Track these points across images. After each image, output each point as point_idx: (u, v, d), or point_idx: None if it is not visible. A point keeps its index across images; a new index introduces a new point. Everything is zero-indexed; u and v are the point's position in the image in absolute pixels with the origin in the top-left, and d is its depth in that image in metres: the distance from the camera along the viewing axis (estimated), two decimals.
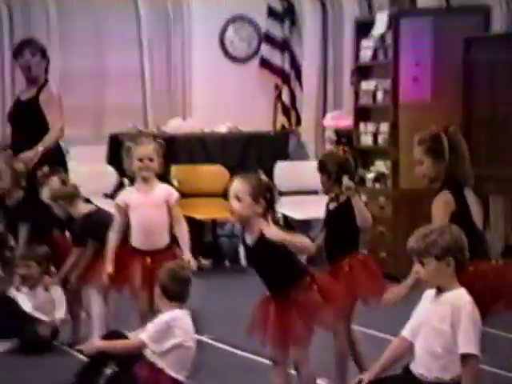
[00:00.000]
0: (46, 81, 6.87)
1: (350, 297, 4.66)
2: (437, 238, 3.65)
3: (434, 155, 4.32)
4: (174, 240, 5.28)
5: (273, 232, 4.16)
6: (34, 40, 7.36)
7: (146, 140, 5.35)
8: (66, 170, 6.39)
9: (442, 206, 4.22)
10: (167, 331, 4.35)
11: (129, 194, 5.34)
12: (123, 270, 5.24)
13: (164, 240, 5.26)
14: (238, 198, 4.21)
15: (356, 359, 4.74)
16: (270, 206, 4.23)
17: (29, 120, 6.70)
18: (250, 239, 4.26)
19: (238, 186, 4.24)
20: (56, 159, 6.58)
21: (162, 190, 5.30)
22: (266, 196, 4.22)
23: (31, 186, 6.12)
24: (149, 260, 5.19)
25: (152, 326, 4.36)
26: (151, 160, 5.21)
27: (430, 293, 3.71)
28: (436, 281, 3.67)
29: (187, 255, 5.13)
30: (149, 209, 5.23)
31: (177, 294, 4.40)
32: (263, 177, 4.35)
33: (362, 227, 4.68)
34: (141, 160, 5.21)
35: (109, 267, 5.22)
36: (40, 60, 6.86)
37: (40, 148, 6.55)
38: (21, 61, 6.89)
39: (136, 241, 5.26)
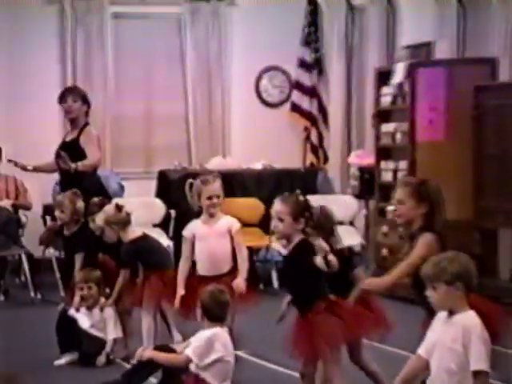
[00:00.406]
0: (87, 124, 6.93)
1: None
2: (447, 265, 3.60)
3: (417, 199, 4.16)
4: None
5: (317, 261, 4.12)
6: (77, 87, 7.43)
7: (211, 178, 5.27)
8: (109, 199, 6.39)
9: (426, 246, 4.07)
10: (209, 346, 4.32)
11: (195, 227, 5.28)
12: (191, 297, 5.06)
13: (227, 265, 5.21)
14: (280, 219, 4.19)
15: (373, 379, 4.58)
16: (309, 222, 4.20)
17: (71, 158, 6.75)
18: (288, 250, 4.24)
19: (279, 207, 4.21)
20: (98, 190, 6.62)
21: (225, 221, 5.25)
22: (305, 214, 4.19)
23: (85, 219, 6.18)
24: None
25: (196, 342, 4.33)
26: (218, 197, 5.18)
27: (442, 315, 3.66)
28: (446, 304, 3.62)
29: (239, 279, 5.08)
30: (213, 239, 5.21)
31: (217, 315, 4.37)
32: (301, 197, 4.29)
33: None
34: (210, 198, 5.16)
35: (181, 290, 5.15)
36: (80, 105, 6.92)
37: (77, 165, 6.65)
38: (64, 105, 6.98)
39: (202, 269, 5.21)
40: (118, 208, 5.81)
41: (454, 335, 3.59)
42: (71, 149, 6.84)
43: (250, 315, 5.32)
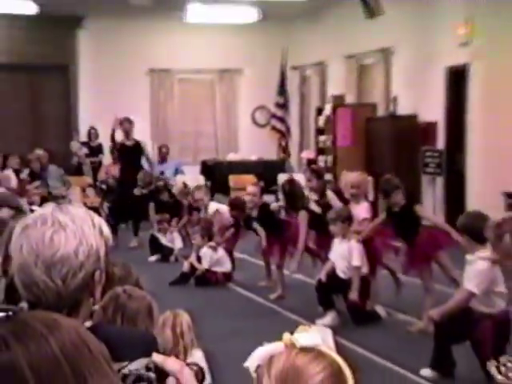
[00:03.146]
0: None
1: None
2: (342, 213, 3.74)
3: (261, 194, 4.45)
4: None
5: (272, 205, 4.44)
6: (129, 118, 6.65)
7: (195, 188, 5.46)
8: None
9: (304, 219, 4.09)
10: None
11: None
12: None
13: None
14: (251, 194, 4.45)
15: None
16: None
17: (137, 155, 6.44)
18: (254, 213, 4.45)
19: (251, 189, 4.48)
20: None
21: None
22: (263, 192, 4.54)
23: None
24: None
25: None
26: (201, 200, 5.32)
27: (338, 238, 3.78)
28: (341, 233, 3.73)
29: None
30: None
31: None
32: (261, 184, 4.75)
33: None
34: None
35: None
36: (130, 126, 6.47)
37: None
38: (123, 126, 6.49)
39: None
40: (185, 185, 5.97)
41: (344, 249, 3.73)
42: (137, 148, 6.47)
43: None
